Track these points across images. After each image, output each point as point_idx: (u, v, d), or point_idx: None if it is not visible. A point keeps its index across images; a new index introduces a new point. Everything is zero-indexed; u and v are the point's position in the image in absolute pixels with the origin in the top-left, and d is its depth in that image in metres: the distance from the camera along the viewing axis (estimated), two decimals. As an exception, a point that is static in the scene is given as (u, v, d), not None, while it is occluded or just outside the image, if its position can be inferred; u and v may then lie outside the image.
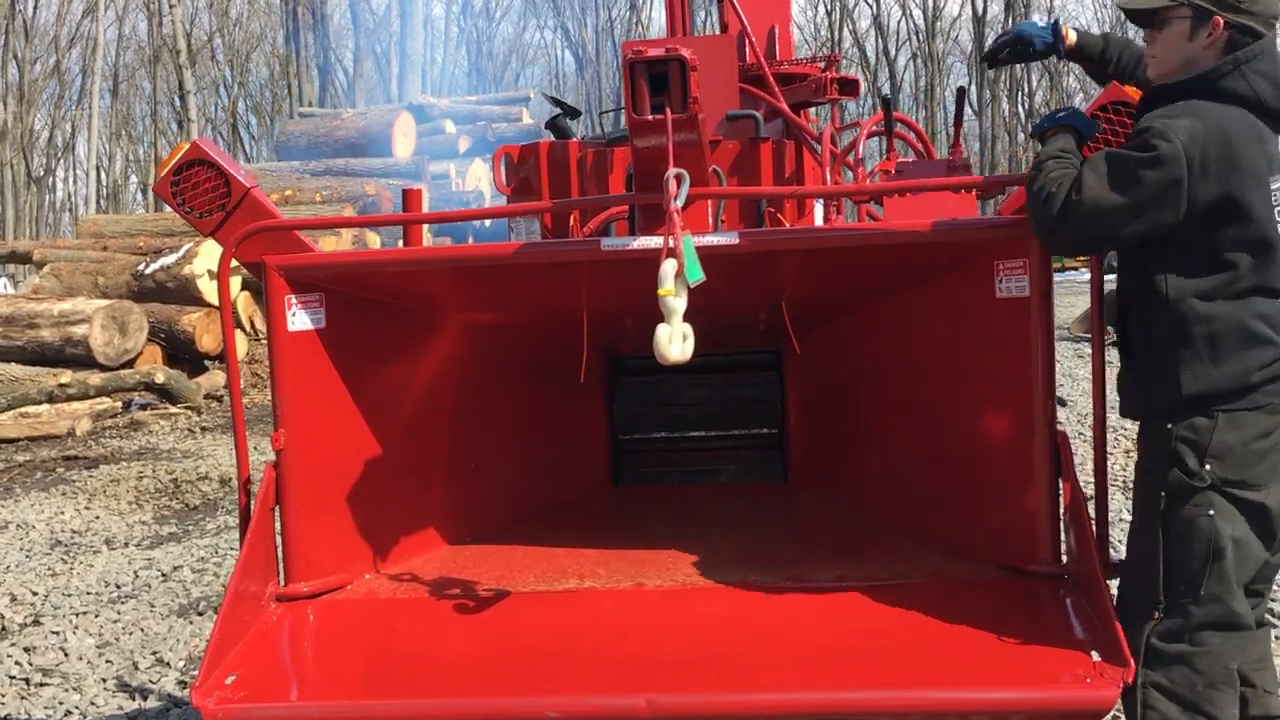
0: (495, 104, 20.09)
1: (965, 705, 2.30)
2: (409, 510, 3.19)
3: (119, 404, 11.03)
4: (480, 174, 16.67)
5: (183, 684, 4.24)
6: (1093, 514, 2.66)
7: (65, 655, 4.64)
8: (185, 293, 12.16)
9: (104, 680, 4.34)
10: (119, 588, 5.57)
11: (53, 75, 43.38)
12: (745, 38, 5.27)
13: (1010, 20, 40.46)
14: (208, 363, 12.39)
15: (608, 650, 2.60)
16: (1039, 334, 2.67)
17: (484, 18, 45.52)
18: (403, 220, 3.31)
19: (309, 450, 2.83)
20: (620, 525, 3.63)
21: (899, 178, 4.13)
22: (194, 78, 35.49)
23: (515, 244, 2.79)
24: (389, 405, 3.09)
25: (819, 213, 4.63)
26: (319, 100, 34.64)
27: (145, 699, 4.15)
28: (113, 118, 44.43)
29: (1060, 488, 2.69)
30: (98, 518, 7.15)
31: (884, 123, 4.50)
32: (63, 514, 7.24)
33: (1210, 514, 2.36)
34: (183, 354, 12.16)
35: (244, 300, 12.17)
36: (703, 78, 2.48)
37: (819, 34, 45.22)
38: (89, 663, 4.54)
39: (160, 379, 11.07)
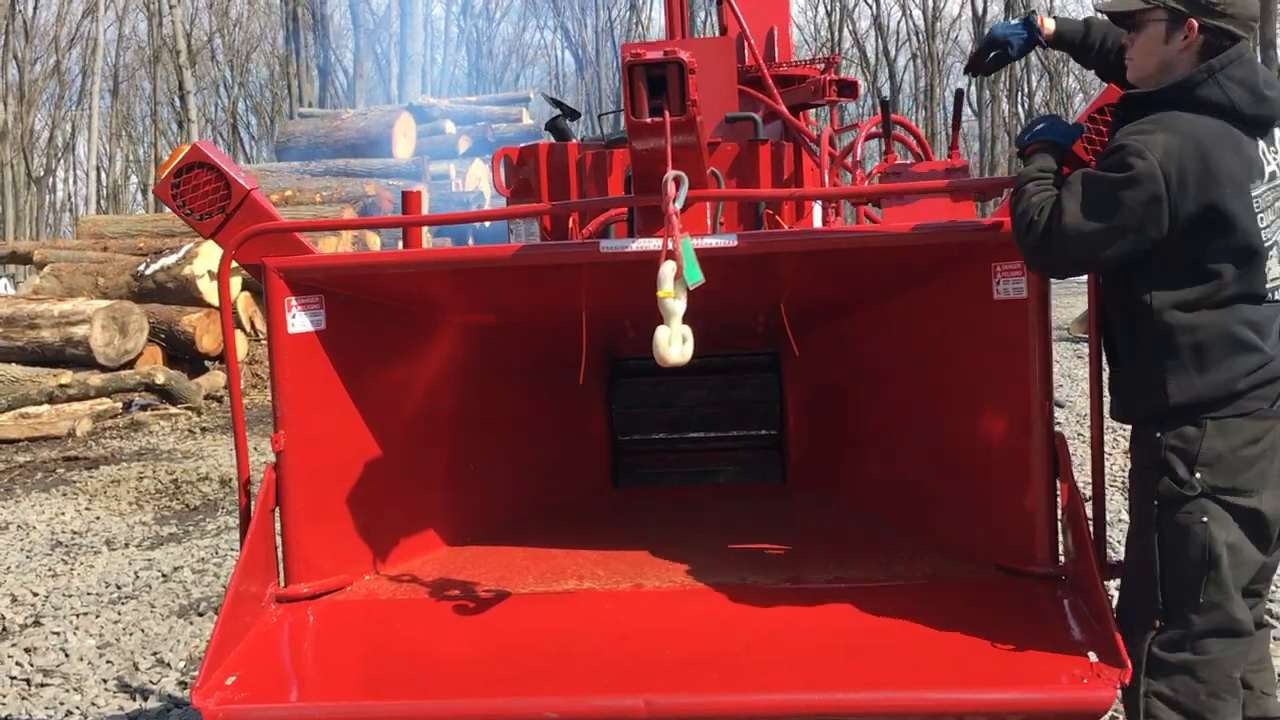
0: (495, 104, 20.09)
1: (963, 706, 2.31)
2: (409, 511, 3.20)
3: (119, 404, 11.04)
4: (480, 174, 16.66)
5: (183, 684, 4.25)
6: (1090, 515, 2.68)
7: (66, 656, 4.64)
8: (185, 293, 12.17)
9: (105, 681, 4.35)
10: (119, 588, 5.57)
11: (53, 75, 43.42)
12: (744, 40, 5.28)
13: (1009, 20, 40.43)
14: (208, 363, 12.39)
15: (607, 651, 2.60)
16: (1036, 335, 2.68)
17: (484, 18, 45.60)
18: (403, 222, 3.31)
19: (309, 452, 2.84)
20: (619, 526, 3.63)
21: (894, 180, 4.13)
22: (194, 78, 35.49)
23: (514, 246, 2.80)
24: (389, 407, 3.10)
25: (818, 215, 4.64)
26: (319, 101, 34.64)
27: (146, 699, 4.16)
28: (113, 118, 44.46)
29: (1058, 489, 2.70)
30: (98, 518, 7.16)
31: (882, 125, 4.50)
32: (63, 515, 7.25)
33: (1204, 521, 2.35)
34: (183, 354, 12.17)
35: (244, 301, 12.18)
36: (701, 80, 2.49)
37: (819, 34, 45.27)
38: (89, 663, 4.55)
39: (160, 379, 11.08)
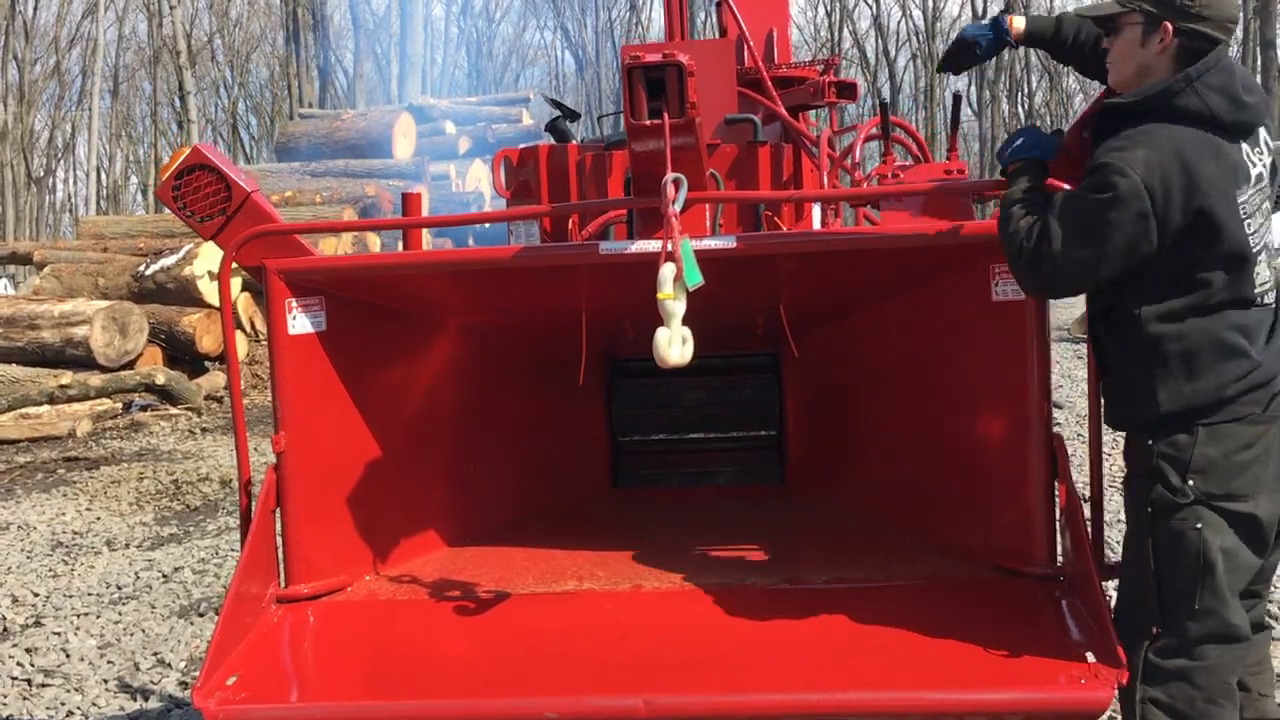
0: (495, 105, 20.06)
1: (961, 706, 2.32)
2: (409, 512, 3.20)
3: (119, 405, 11.04)
4: (480, 175, 16.66)
5: (184, 685, 4.25)
6: (1089, 515, 2.68)
7: (67, 656, 4.65)
8: (185, 294, 12.17)
9: (105, 681, 4.35)
10: (120, 589, 5.58)
11: (53, 76, 43.43)
12: (743, 41, 5.29)
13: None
14: (208, 364, 12.40)
15: (607, 651, 2.61)
16: (1034, 337, 2.69)
17: (484, 18, 45.59)
18: (403, 224, 3.32)
19: (310, 453, 2.85)
20: (619, 527, 3.64)
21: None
22: (194, 78, 35.46)
23: (514, 248, 2.80)
24: (389, 408, 3.11)
25: (817, 216, 4.65)
26: (319, 101, 34.61)
27: (146, 700, 4.17)
28: (113, 118, 44.47)
29: (1056, 490, 2.71)
30: (99, 519, 7.17)
31: (881, 127, 4.51)
32: (64, 515, 7.25)
33: (1198, 527, 2.33)
34: (183, 355, 12.17)
35: (244, 301, 12.18)
36: (701, 81, 2.50)
37: (819, 35, 45.27)
38: (90, 664, 4.55)
39: (161, 380, 11.08)
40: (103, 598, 5.45)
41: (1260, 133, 2.43)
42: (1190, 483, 2.33)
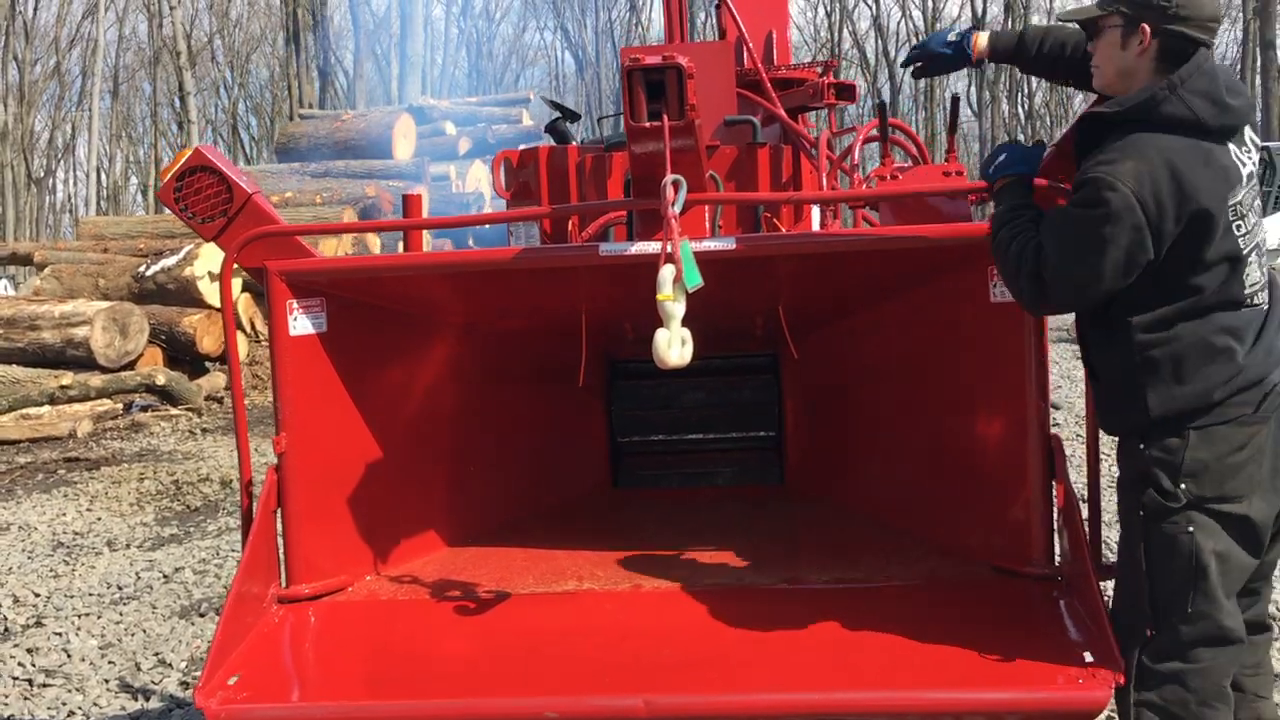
0: (495, 105, 20.07)
1: (960, 706, 2.33)
2: (409, 512, 3.21)
3: (120, 406, 11.05)
4: (480, 175, 16.67)
5: (185, 685, 4.26)
6: (1086, 515, 2.69)
7: (68, 656, 4.66)
8: (186, 294, 12.18)
9: (106, 681, 4.36)
10: (121, 589, 5.59)
11: (53, 76, 43.45)
12: (743, 43, 5.30)
13: (1010, 22, 40.48)
14: (208, 364, 12.41)
15: (606, 651, 2.62)
16: (1032, 338, 2.70)
17: (484, 19, 45.62)
18: (404, 226, 3.34)
19: (310, 453, 2.86)
20: (619, 527, 3.65)
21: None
22: (194, 79, 35.50)
23: (514, 249, 2.81)
24: (390, 408, 3.12)
25: (816, 218, 4.66)
26: (319, 102, 34.60)
27: (148, 700, 4.18)
28: (113, 119, 44.49)
29: (1054, 490, 2.72)
30: (99, 519, 7.17)
31: (879, 128, 4.52)
32: (64, 515, 7.26)
33: (1190, 531, 2.32)
34: (183, 355, 12.18)
35: (244, 302, 12.19)
36: (700, 83, 2.51)
37: (819, 35, 45.28)
38: (91, 664, 4.56)
39: (161, 381, 11.09)
40: (104, 598, 5.46)
41: (1245, 131, 2.41)
42: (1183, 486, 2.32)
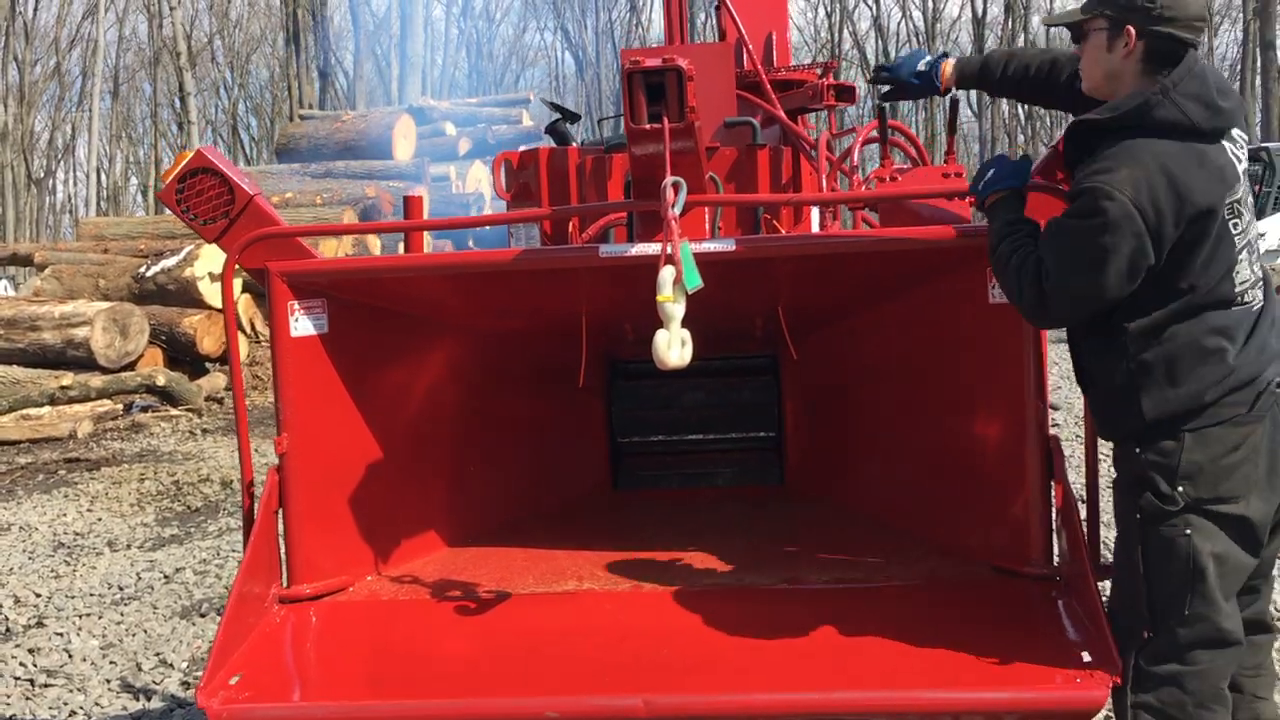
0: (495, 106, 20.08)
1: (958, 705, 2.34)
2: (410, 513, 3.22)
3: (120, 406, 11.05)
4: (480, 176, 16.68)
5: (186, 685, 4.27)
6: (1085, 516, 2.70)
7: (69, 656, 4.67)
8: (186, 295, 12.19)
9: (108, 681, 4.37)
10: (122, 589, 5.60)
11: (53, 77, 43.45)
12: (742, 44, 5.30)
13: (1010, 23, 40.53)
14: (208, 365, 12.42)
15: (607, 651, 2.63)
16: (1031, 338, 2.71)
17: (484, 20, 45.63)
18: (405, 227, 3.35)
19: (312, 454, 2.87)
20: (619, 528, 3.66)
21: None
22: (194, 80, 35.49)
23: (515, 250, 2.83)
24: (390, 409, 3.13)
25: (815, 219, 4.66)
26: (319, 102, 34.59)
27: (149, 700, 4.18)
28: (113, 119, 44.49)
29: (1053, 490, 2.73)
30: (100, 520, 7.18)
31: (879, 130, 4.53)
32: (65, 516, 7.27)
33: (1187, 533, 2.31)
34: (184, 356, 12.19)
35: (244, 303, 12.20)
36: (700, 85, 2.52)
37: (819, 36, 45.28)
38: (93, 664, 4.57)
39: (161, 381, 11.10)
40: (104, 598, 5.47)
41: (1234, 130, 2.41)
42: (1179, 489, 2.31)
